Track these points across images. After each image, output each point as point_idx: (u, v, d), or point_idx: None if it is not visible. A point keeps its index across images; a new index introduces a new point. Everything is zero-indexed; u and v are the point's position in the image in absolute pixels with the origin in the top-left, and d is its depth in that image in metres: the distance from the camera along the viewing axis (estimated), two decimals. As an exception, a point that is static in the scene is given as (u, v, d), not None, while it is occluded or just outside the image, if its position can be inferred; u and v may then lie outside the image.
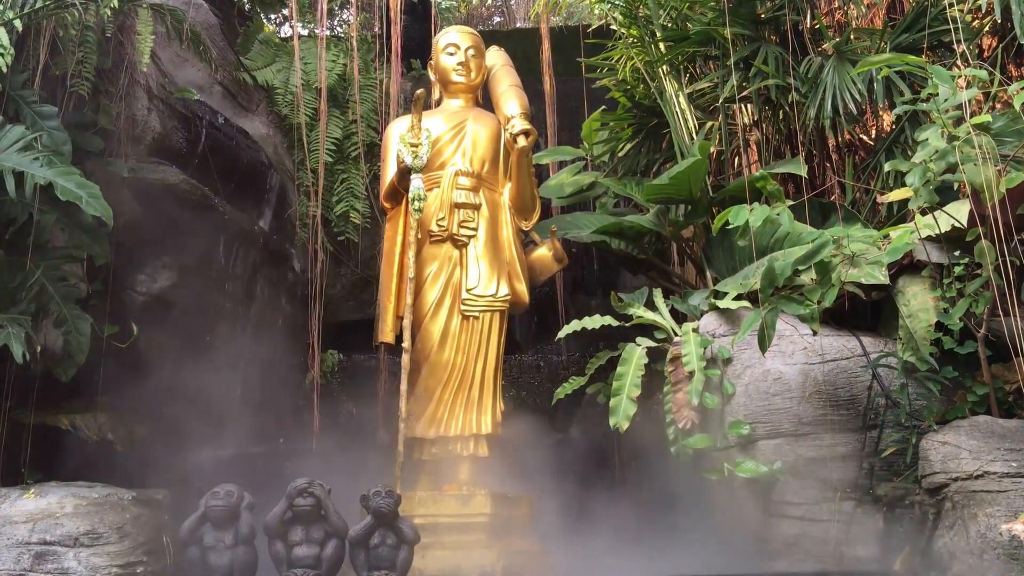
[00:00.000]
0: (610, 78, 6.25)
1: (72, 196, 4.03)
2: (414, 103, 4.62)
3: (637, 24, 5.74)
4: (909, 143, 4.71)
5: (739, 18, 5.16)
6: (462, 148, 4.98)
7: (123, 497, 3.63)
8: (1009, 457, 3.24)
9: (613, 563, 4.47)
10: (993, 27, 4.94)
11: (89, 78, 4.66)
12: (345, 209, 6.60)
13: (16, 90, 4.32)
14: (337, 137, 6.72)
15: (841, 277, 3.80)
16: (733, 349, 4.22)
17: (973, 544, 3.11)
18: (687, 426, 4.22)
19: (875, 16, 5.74)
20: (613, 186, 5.78)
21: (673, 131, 5.50)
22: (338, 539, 3.64)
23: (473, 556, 4.27)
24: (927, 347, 3.81)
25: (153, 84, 5.24)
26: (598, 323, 4.86)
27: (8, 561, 3.28)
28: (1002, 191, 3.39)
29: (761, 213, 3.86)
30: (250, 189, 6.02)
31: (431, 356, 4.74)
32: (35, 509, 3.45)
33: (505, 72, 5.24)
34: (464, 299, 4.76)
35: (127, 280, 5.03)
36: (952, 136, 3.44)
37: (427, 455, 4.72)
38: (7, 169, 3.95)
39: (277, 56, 7.03)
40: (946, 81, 3.51)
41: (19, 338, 3.87)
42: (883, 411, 3.90)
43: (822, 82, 4.91)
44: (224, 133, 5.79)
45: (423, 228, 4.80)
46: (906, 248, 3.82)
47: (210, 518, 3.60)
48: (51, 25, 4.52)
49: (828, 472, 3.88)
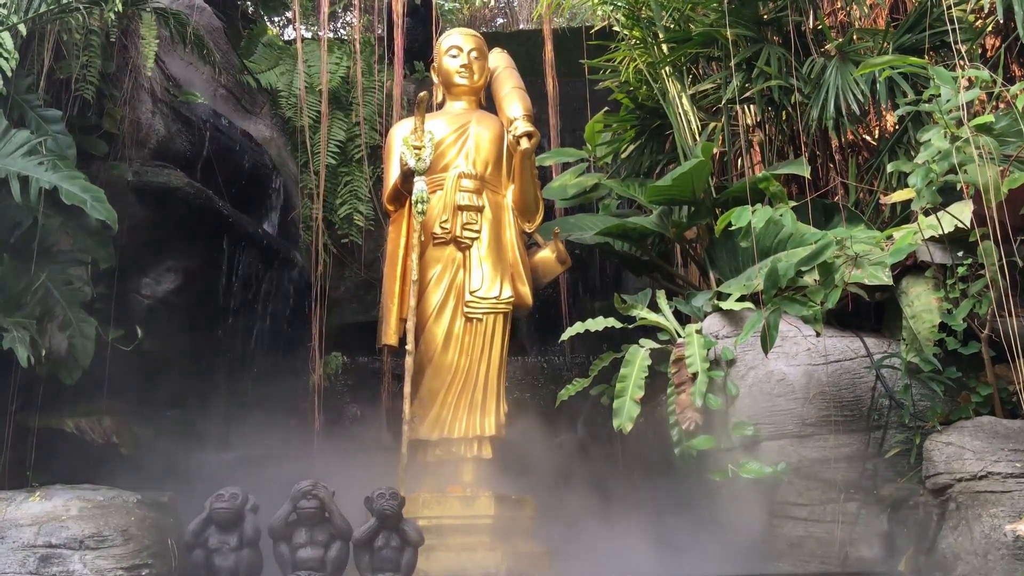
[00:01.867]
0: (613, 80, 6.25)
1: (77, 200, 4.04)
2: (417, 106, 4.62)
3: (639, 25, 5.74)
4: (912, 144, 4.70)
5: (741, 19, 5.16)
6: (465, 150, 4.99)
7: (128, 500, 3.64)
8: (1013, 457, 3.24)
9: (617, 564, 4.47)
10: (996, 27, 4.94)
11: (93, 82, 4.67)
12: (349, 211, 6.61)
13: (21, 94, 4.34)
14: (341, 140, 6.73)
15: (844, 278, 3.79)
16: (736, 350, 4.22)
17: (977, 545, 3.11)
18: (691, 427, 4.21)
19: (878, 16, 5.73)
20: (616, 188, 5.78)
21: (676, 132, 5.50)
22: (342, 541, 3.65)
23: (477, 558, 4.28)
24: (931, 348, 3.80)
25: (157, 88, 5.26)
26: (601, 325, 4.86)
27: (14, 564, 3.29)
28: (1004, 192, 3.38)
29: (764, 214, 3.87)
30: (254, 192, 6.04)
31: (435, 358, 4.75)
32: (40, 512, 3.46)
33: (508, 74, 5.25)
34: (467, 301, 4.77)
35: (132, 283, 5.05)
36: (954, 137, 3.44)
37: (431, 457, 4.73)
38: (12, 173, 3.96)
39: (281, 59, 7.05)
40: (947, 82, 3.50)
41: (24, 342, 3.89)
42: (887, 412, 3.90)
43: (825, 83, 4.91)
44: (228, 136, 5.81)
45: (426, 230, 4.80)
46: (909, 249, 3.82)
47: (215, 520, 3.61)
48: (55, 29, 4.54)
49: (832, 473, 3.88)
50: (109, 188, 4.31)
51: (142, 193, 4.94)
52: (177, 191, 5.06)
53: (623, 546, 4.59)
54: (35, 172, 4.01)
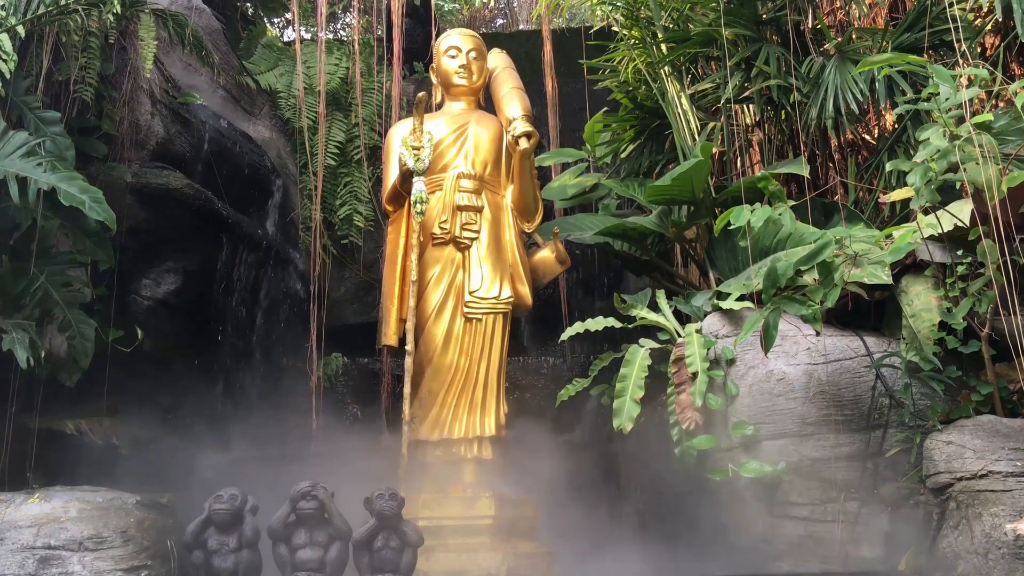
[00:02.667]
0: (612, 79, 6.24)
1: (75, 201, 4.04)
2: (416, 106, 4.62)
3: (638, 25, 5.73)
4: (912, 142, 4.69)
5: (740, 19, 5.16)
6: (464, 151, 4.98)
7: (127, 501, 3.63)
8: (1014, 456, 3.24)
9: (618, 564, 4.47)
10: (995, 26, 4.93)
11: (92, 83, 4.68)
12: (348, 212, 6.61)
13: (19, 96, 4.34)
14: (340, 140, 6.74)
15: (844, 277, 3.79)
16: (736, 350, 4.21)
17: (978, 544, 3.11)
18: (691, 427, 4.21)
19: (877, 15, 5.73)
20: (616, 187, 5.77)
21: (675, 132, 5.49)
22: (342, 542, 3.64)
23: (478, 558, 4.28)
24: (931, 347, 3.79)
25: (156, 89, 5.27)
26: (601, 325, 4.85)
27: (13, 565, 3.28)
28: (1004, 190, 3.38)
29: (762, 214, 3.86)
30: (254, 193, 6.04)
31: (434, 359, 4.74)
32: (40, 513, 3.45)
33: (507, 74, 5.25)
34: (467, 301, 4.76)
35: (131, 284, 5.06)
36: (953, 135, 3.43)
37: (431, 458, 4.72)
38: (11, 175, 3.97)
39: (280, 60, 7.06)
40: (946, 80, 3.50)
41: (23, 343, 3.89)
42: (887, 411, 3.89)
43: (824, 82, 4.90)
44: (227, 137, 5.81)
45: (425, 231, 4.80)
46: (909, 248, 3.81)
47: (214, 521, 3.61)
48: (54, 31, 4.54)
49: (832, 472, 3.87)
50: (108, 189, 4.32)
51: (141, 194, 4.95)
52: (176, 192, 5.07)
53: (623, 546, 4.58)
54: (34, 173, 4.01)
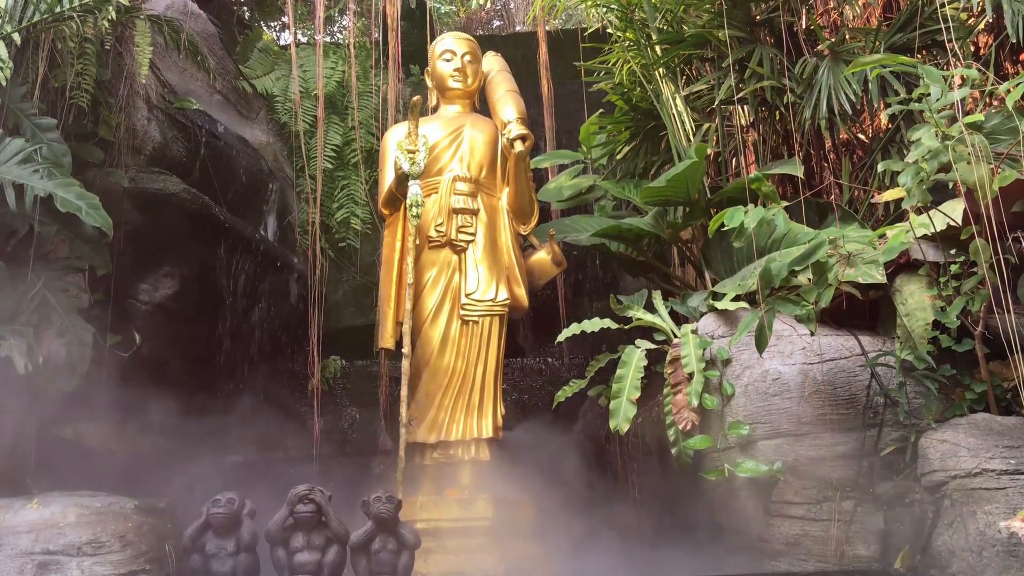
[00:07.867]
0: (607, 81, 6.26)
1: (72, 207, 4.05)
2: (411, 109, 4.64)
3: (633, 27, 5.75)
4: (905, 142, 4.71)
5: (734, 20, 5.17)
6: (460, 154, 5.00)
7: (126, 506, 3.65)
8: (1007, 454, 3.25)
9: (615, 565, 4.48)
10: (988, 25, 4.95)
11: (88, 90, 4.69)
12: (346, 215, 6.63)
13: (15, 103, 4.35)
14: (337, 144, 6.75)
15: (838, 277, 3.80)
16: (732, 350, 4.23)
17: (972, 541, 3.12)
18: (687, 427, 4.22)
19: (870, 16, 5.74)
20: (611, 189, 5.79)
21: (670, 133, 5.51)
22: (339, 545, 3.65)
23: (475, 560, 4.29)
24: (925, 345, 3.80)
25: (152, 94, 5.28)
26: (597, 326, 4.86)
27: (12, 571, 3.29)
28: (995, 189, 3.39)
29: (756, 215, 3.87)
30: (251, 197, 6.05)
31: (431, 361, 4.76)
32: (38, 519, 3.47)
33: (502, 77, 5.26)
34: (463, 304, 4.78)
35: (129, 289, 5.06)
36: (945, 136, 3.45)
37: (429, 460, 4.74)
38: (7, 181, 3.98)
39: (276, 64, 7.07)
40: (937, 81, 3.51)
41: (21, 349, 3.90)
42: (882, 410, 3.90)
43: (817, 82, 4.92)
44: (224, 142, 5.82)
45: (421, 234, 4.82)
46: (902, 247, 3.83)
47: (212, 525, 3.62)
48: (50, 38, 4.55)
49: (828, 471, 3.88)
50: (105, 195, 4.32)
51: (138, 199, 4.96)
52: (173, 197, 5.08)
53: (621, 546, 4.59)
54: (30, 180, 4.02)
